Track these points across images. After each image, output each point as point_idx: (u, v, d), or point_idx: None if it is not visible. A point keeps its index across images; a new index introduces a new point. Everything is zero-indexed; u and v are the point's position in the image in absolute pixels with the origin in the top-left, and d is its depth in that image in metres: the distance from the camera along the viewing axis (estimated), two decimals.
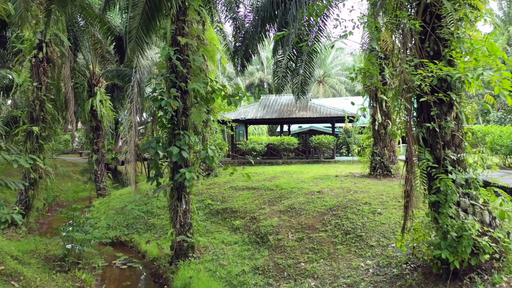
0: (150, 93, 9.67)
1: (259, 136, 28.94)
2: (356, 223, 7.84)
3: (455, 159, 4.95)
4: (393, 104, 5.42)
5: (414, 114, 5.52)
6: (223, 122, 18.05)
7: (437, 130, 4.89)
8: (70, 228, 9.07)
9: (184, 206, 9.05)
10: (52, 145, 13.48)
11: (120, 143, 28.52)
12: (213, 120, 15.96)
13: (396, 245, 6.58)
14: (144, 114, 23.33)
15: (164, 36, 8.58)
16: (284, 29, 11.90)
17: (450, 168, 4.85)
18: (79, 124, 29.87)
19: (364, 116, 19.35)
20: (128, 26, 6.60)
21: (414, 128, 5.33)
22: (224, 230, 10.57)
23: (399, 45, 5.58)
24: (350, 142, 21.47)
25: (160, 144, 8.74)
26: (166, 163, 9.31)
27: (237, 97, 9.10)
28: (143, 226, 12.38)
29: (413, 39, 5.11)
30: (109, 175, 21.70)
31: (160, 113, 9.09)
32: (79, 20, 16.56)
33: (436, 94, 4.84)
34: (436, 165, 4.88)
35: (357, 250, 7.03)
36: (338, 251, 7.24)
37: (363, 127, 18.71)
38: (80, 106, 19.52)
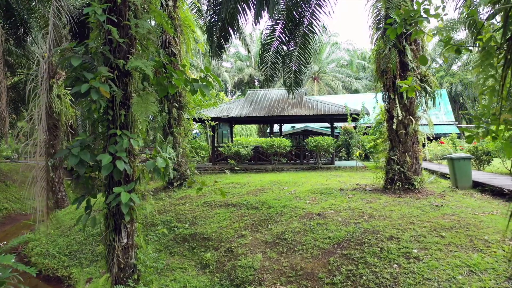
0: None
1: (247, 137, 26.02)
2: (382, 275, 5.02)
3: None
4: (486, 75, 2.64)
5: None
6: (200, 121, 15.14)
7: None
8: None
9: (125, 241, 6.12)
10: None
11: None
12: (187, 118, 13.13)
13: None
14: None
15: None
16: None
17: None
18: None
19: (368, 114, 16.60)
20: None
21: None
22: (190, 266, 7.69)
23: None
24: (352, 144, 18.59)
25: (87, 150, 5.88)
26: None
27: (204, 83, 6.27)
28: (88, 256, 9.42)
29: None
30: (70, 183, 18.70)
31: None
32: None
33: None
34: None
35: None
36: None
37: (369, 126, 16.00)
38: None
